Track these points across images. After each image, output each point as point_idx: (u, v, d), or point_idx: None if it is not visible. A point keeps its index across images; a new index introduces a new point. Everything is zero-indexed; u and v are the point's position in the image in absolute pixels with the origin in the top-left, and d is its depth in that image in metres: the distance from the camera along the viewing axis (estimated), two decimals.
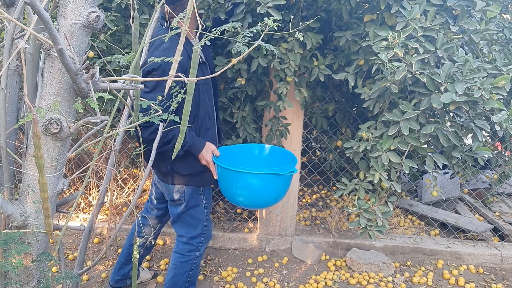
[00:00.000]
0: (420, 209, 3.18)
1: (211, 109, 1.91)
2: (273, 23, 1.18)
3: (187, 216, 1.92)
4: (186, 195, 1.88)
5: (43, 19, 0.88)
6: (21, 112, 1.37)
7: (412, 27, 1.75)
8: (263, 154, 2.05)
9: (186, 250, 1.95)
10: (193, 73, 1.36)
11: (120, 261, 2.15)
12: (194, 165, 1.83)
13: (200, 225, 1.94)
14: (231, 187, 1.74)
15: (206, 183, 1.92)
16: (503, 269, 2.63)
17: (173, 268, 1.97)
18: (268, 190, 1.72)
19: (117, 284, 2.17)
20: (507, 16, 2.30)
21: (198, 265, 2.02)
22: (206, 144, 1.80)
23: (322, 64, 2.15)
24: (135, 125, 1.37)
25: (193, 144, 1.76)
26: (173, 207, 1.94)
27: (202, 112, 1.84)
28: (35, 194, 1.19)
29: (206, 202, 1.95)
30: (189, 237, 1.94)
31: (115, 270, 2.16)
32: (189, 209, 1.91)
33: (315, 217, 3.06)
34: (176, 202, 1.90)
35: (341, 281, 2.43)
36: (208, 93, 1.90)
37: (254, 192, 1.71)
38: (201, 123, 1.85)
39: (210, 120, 1.90)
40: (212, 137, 1.91)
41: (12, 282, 1.23)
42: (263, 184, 1.70)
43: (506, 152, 2.36)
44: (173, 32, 1.26)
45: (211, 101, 1.92)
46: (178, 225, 1.97)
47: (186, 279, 1.97)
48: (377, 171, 1.90)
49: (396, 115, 1.82)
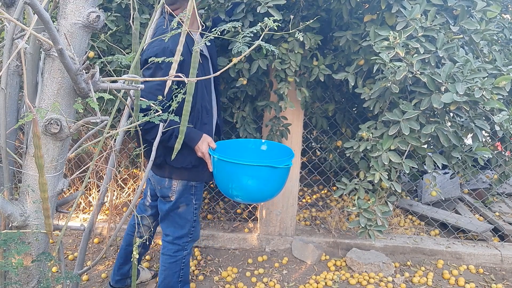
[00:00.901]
0: (420, 209, 3.18)
1: (209, 104, 1.89)
2: (273, 23, 1.18)
3: (175, 215, 1.91)
4: (177, 193, 1.87)
5: (43, 19, 0.88)
6: (21, 112, 1.37)
7: (412, 27, 1.74)
8: (260, 148, 2.04)
9: (173, 251, 1.94)
10: (193, 73, 1.36)
11: (118, 261, 2.15)
12: (187, 158, 1.81)
13: (187, 225, 1.93)
14: (226, 180, 1.72)
15: (198, 178, 1.89)
16: (503, 269, 2.63)
17: (163, 270, 1.96)
18: (264, 183, 1.70)
19: (117, 284, 2.17)
20: (507, 16, 2.30)
21: (188, 263, 2.00)
22: (202, 136, 1.79)
23: (322, 64, 2.15)
24: (135, 125, 1.37)
25: (189, 135, 1.74)
26: (162, 204, 1.92)
27: (199, 105, 1.81)
28: (35, 194, 1.19)
29: (196, 203, 1.93)
30: (175, 237, 1.93)
31: (115, 270, 2.16)
32: (178, 208, 1.89)
33: (315, 217, 3.06)
34: (166, 199, 1.89)
35: (341, 281, 2.43)
36: (208, 87, 1.88)
37: (249, 185, 1.69)
38: (197, 117, 1.82)
39: (207, 115, 1.88)
40: (209, 132, 1.88)
41: (12, 282, 1.22)
42: (258, 176, 1.68)
43: (506, 152, 2.36)
44: (174, 29, 1.25)
45: (210, 96, 1.90)
46: (165, 223, 1.95)
47: (178, 279, 1.96)
48: (377, 171, 1.90)
49: (397, 115, 1.82)
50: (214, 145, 1.81)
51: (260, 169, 1.67)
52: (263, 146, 2.04)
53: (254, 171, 1.67)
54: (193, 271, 2.47)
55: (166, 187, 1.86)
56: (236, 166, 1.67)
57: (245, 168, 1.66)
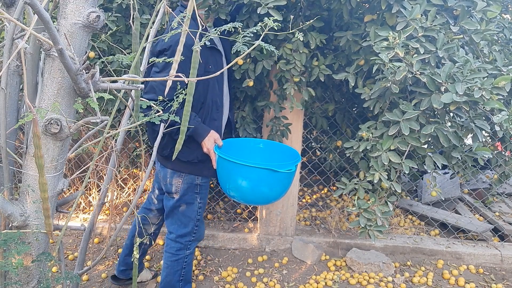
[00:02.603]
0: (420, 209, 3.18)
1: (220, 99, 1.87)
2: (274, 23, 1.18)
3: (178, 212, 1.91)
4: (182, 190, 1.87)
5: (43, 19, 0.88)
6: (21, 112, 1.37)
7: (412, 27, 1.74)
8: (268, 149, 1.99)
9: (175, 249, 1.94)
10: (193, 73, 1.36)
11: (124, 252, 2.17)
12: (194, 152, 1.82)
13: (190, 224, 1.93)
14: (225, 178, 1.71)
15: (203, 173, 1.89)
16: (503, 269, 2.63)
17: (165, 267, 1.97)
18: (259, 185, 1.63)
19: (121, 274, 2.19)
20: (507, 16, 2.30)
21: (190, 263, 2.00)
22: (210, 132, 1.79)
23: (323, 64, 2.15)
24: (135, 124, 1.37)
25: (196, 130, 1.75)
26: (167, 200, 1.93)
27: (209, 100, 1.81)
28: (35, 194, 1.19)
29: (200, 202, 1.93)
30: (178, 235, 1.93)
31: (120, 261, 2.18)
32: (182, 205, 1.90)
33: (315, 217, 3.06)
34: (170, 195, 1.90)
35: (341, 281, 2.43)
36: (220, 83, 1.87)
37: (243, 186, 1.64)
38: (207, 112, 1.82)
39: (217, 111, 1.87)
40: (217, 129, 1.88)
41: (12, 282, 1.22)
42: (252, 178, 1.61)
43: (506, 152, 2.36)
44: (182, 15, 1.25)
45: (221, 91, 1.89)
46: (169, 220, 1.96)
47: (179, 278, 1.96)
48: (377, 171, 1.90)
49: (397, 115, 1.82)
50: (221, 142, 1.80)
51: (256, 171, 1.60)
52: (273, 147, 1.99)
53: (250, 172, 1.60)
54: (193, 271, 2.47)
55: (170, 183, 1.87)
56: (233, 165, 1.63)
57: (240, 168, 1.61)
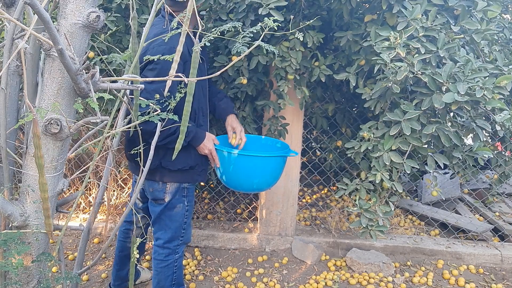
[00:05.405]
0: (420, 209, 3.17)
1: (205, 106, 1.91)
2: (274, 23, 1.17)
3: (166, 217, 1.88)
4: (169, 194, 1.84)
5: (43, 19, 0.88)
6: (21, 112, 1.37)
7: (413, 27, 1.74)
8: (260, 143, 2.16)
9: (164, 255, 1.90)
10: (193, 73, 1.36)
11: (115, 268, 2.14)
12: (186, 159, 1.81)
13: (178, 228, 1.90)
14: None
15: (192, 180, 1.88)
16: (503, 269, 2.63)
17: (156, 274, 1.93)
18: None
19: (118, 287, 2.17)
20: (507, 16, 2.30)
21: (180, 266, 1.97)
22: (206, 134, 1.81)
23: (323, 64, 2.15)
24: (134, 124, 1.37)
25: (196, 134, 1.76)
26: (153, 206, 1.89)
27: (196, 107, 1.82)
28: (35, 194, 1.19)
29: (188, 205, 1.90)
30: (166, 240, 1.89)
31: (113, 275, 2.15)
32: (169, 210, 1.87)
33: (315, 217, 3.06)
34: (158, 201, 1.86)
35: (341, 281, 2.43)
36: (204, 90, 1.89)
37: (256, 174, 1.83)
38: (193, 118, 1.83)
39: (203, 117, 1.89)
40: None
41: (12, 282, 1.22)
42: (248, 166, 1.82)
43: (506, 152, 2.36)
44: (174, 28, 1.26)
45: (205, 98, 1.91)
46: (156, 226, 1.92)
47: (171, 282, 1.94)
48: (379, 171, 1.90)
49: (398, 115, 1.82)
50: (217, 141, 1.85)
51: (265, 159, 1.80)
52: (263, 141, 2.15)
53: (259, 161, 1.82)
54: (193, 271, 2.47)
55: (159, 190, 1.84)
56: (241, 157, 1.80)
57: (248, 159, 1.81)
